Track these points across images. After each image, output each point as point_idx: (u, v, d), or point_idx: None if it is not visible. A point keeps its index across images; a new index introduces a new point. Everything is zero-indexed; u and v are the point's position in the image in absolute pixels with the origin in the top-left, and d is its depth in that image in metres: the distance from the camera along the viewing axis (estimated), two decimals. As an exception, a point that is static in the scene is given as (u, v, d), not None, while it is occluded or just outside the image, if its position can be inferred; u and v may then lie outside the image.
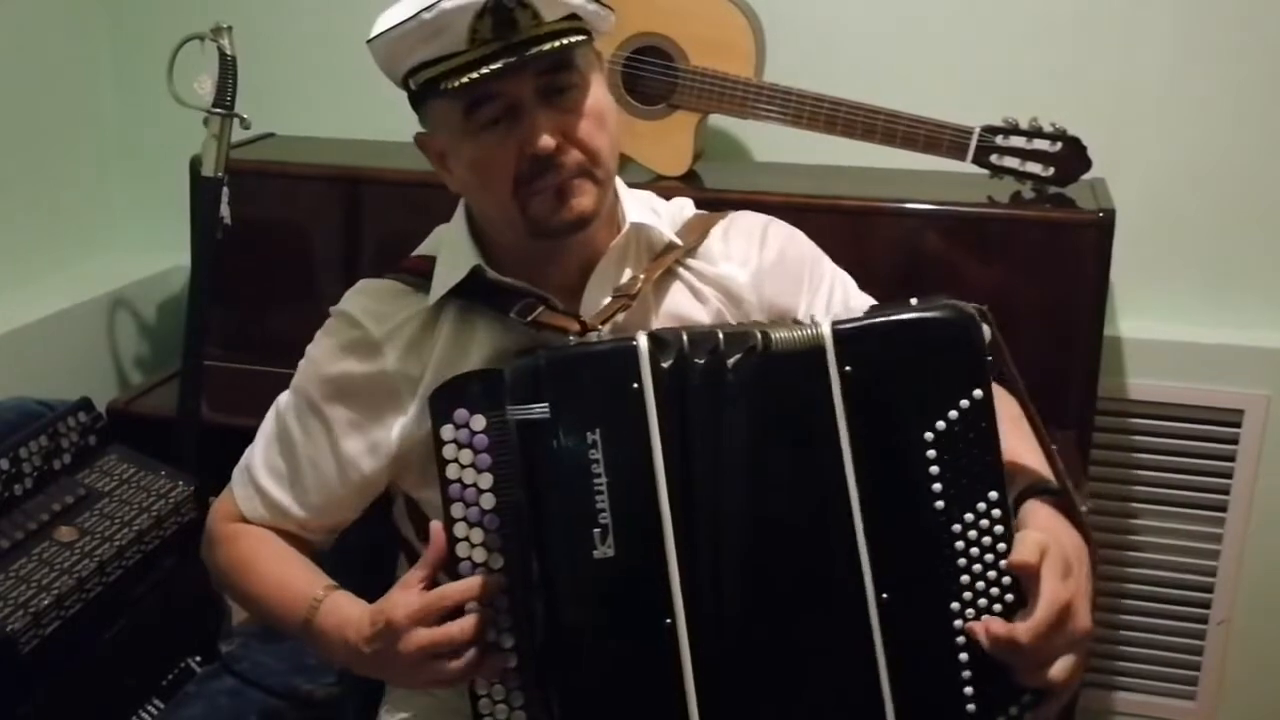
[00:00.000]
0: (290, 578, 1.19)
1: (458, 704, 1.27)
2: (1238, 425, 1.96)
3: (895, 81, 1.96)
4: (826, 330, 1.01)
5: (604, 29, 1.14)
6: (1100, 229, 1.75)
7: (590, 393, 1.01)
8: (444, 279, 1.17)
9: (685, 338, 1.02)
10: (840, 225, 1.83)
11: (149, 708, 1.61)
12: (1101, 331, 1.80)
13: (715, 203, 1.35)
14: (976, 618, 1.00)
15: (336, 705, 1.57)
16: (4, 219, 2.16)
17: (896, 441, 1.01)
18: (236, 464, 1.29)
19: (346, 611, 1.12)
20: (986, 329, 1.03)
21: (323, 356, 1.21)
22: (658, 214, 1.24)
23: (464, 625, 1.01)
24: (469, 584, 1.03)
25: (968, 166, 1.82)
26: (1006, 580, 1.00)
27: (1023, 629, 0.97)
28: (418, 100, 1.13)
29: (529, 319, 1.12)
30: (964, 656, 1.01)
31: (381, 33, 1.08)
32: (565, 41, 1.06)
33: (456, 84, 1.05)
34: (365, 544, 1.30)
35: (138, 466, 1.68)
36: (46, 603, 1.42)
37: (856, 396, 1.00)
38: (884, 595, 1.00)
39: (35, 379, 1.94)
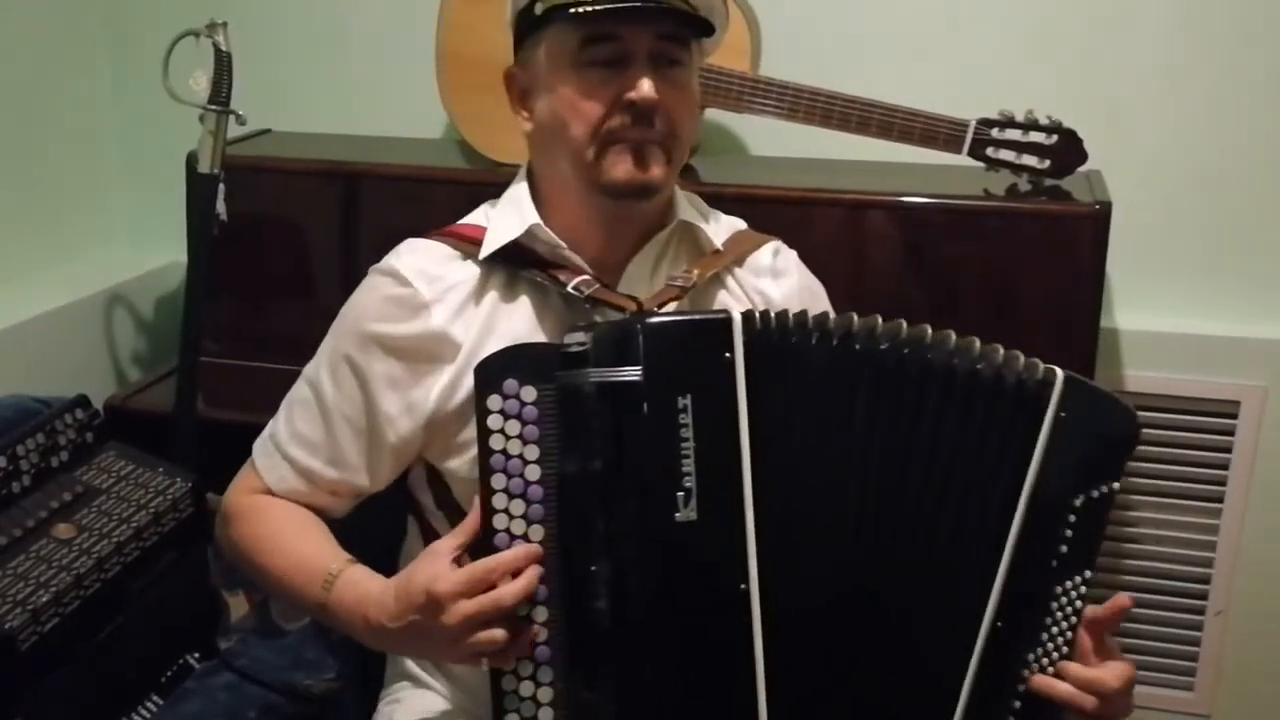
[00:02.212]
0: (308, 553, 1.17)
1: (458, 699, 1.27)
2: (1234, 417, 1.97)
3: (891, 75, 1.96)
4: (1060, 374, 1.07)
5: (715, 39, 1.19)
6: (1096, 221, 1.75)
7: (685, 360, 1.04)
8: (497, 235, 1.18)
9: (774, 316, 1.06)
10: (837, 218, 1.83)
11: (148, 704, 1.61)
12: (1098, 323, 1.80)
13: (713, 197, 1.36)
14: (1039, 672, 1.07)
15: (335, 700, 1.57)
16: (0, 216, 2.16)
17: (1060, 494, 1.06)
18: (234, 459, 1.29)
19: (365, 587, 1.11)
20: None
21: (364, 312, 1.19)
22: (705, 218, 1.27)
23: (513, 590, 1.00)
24: (515, 554, 1.02)
25: (964, 159, 1.82)
26: (1066, 649, 1.08)
27: (1112, 676, 1.07)
28: (534, 26, 1.14)
29: (585, 294, 1.14)
30: (1017, 704, 1.07)
31: None
32: (697, 11, 1.11)
33: (590, 9, 1.07)
34: (368, 522, 1.29)
35: (135, 463, 1.67)
36: (45, 600, 1.42)
37: (1057, 441, 1.05)
38: (999, 624, 1.06)
39: (32, 376, 1.94)
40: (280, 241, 2.10)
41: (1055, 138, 1.79)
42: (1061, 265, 1.78)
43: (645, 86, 1.09)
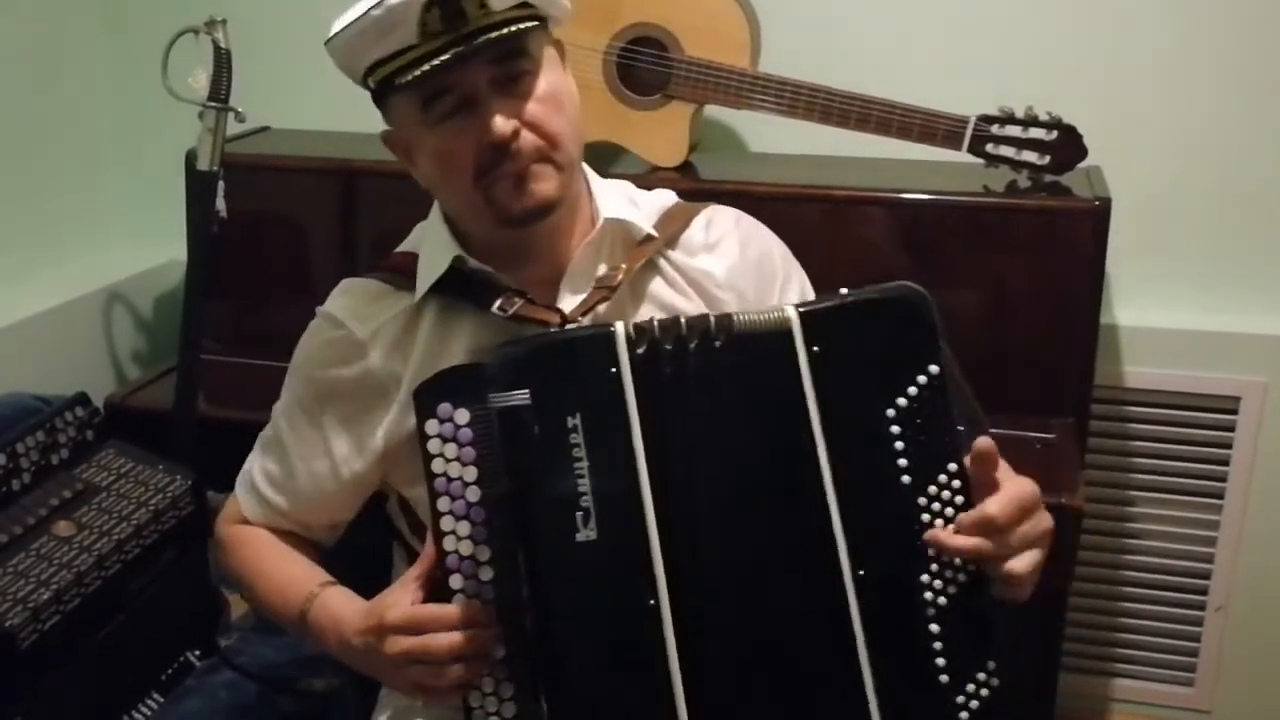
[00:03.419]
0: (289, 576, 1.22)
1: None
2: (1234, 412, 1.97)
3: (891, 71, 1.95)
4: (792, 312, 1.04)
5: (557, 14, 1.14)
6: (1096, 217, 1.75)
7: (570, 378, 1.02)
8: (427, 274, 1.17)
9: (657, 325, 1.04)
10: (836, 215, 1.83)
11: (148, 702, 1.61)
12: (1098, 319, 1.80)
13: (711, 194, 1.35)
14: (944, 589, 1.03)
15: (336, 698, 1.57)
16: (0, 214, 2.16)
17: (863, 418, 1.03)
18: (233, 456, 1.31)
19: (341, 608, 1.14)
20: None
21: (308, 360, 1.22)
22: (636, 204, 1.24)
23: (441, 643, 1.02)
24: (457, 611, 1.02)
25: (964, 156, 1.82)
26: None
27: (991, 502, 1.00)
28: (379, 98, 1.14)
29: (509, 313, 1.13)
30: (935, 628, 1.03)
31: (337, 33, 1.09)
32: (514, 29, 1.07)
33: (409, 78, 1.06)
34: (361, 543, 1.30)
35: (135, 461, 1.67)
36: (45, 598, 1.42)
37: (824, 376, 1.03)
38: (860, 571, 1.02)
39: (32, 374, 1.94)
40: (280, 239, 2.09)
41: (1055, 134, 1.78)
42: (1061, 261, 1.78)
43: (496, 126, 1.06)
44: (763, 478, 1.04)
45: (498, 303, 1.13)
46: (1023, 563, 1.01)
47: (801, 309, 1.04)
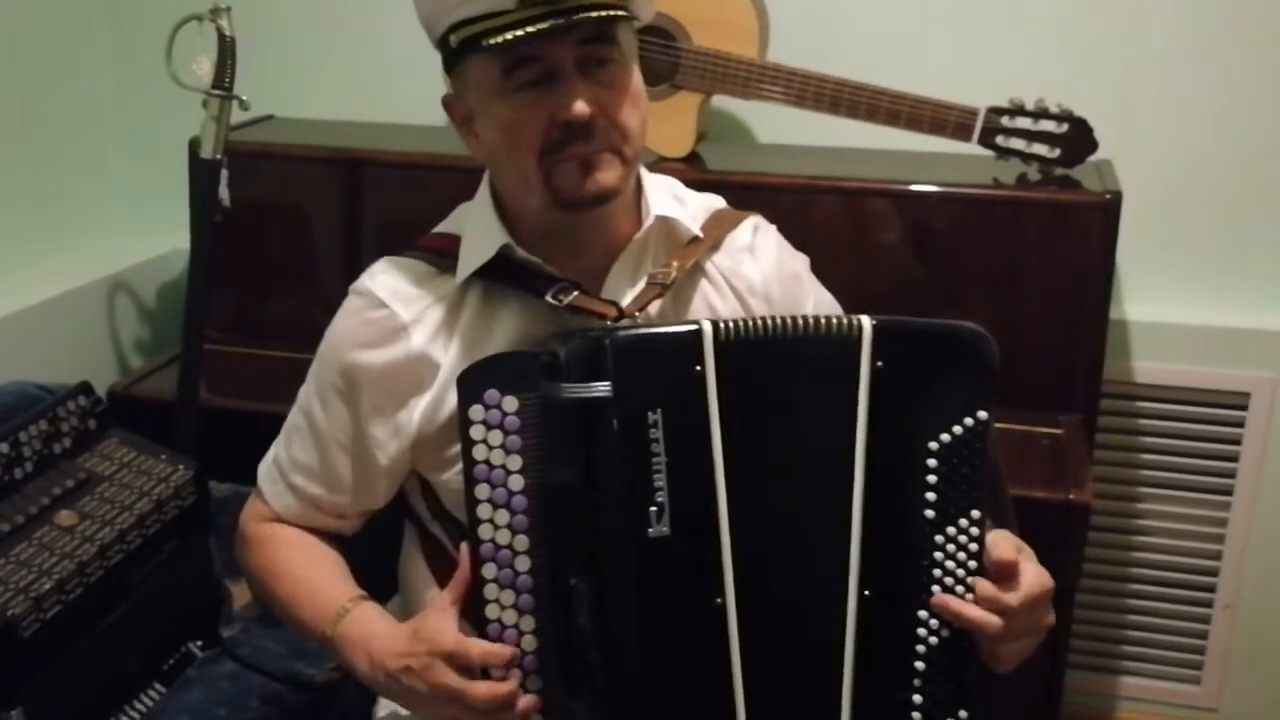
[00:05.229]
0: (319, 585, 1.19)
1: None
2: (1244, 408, 1.96)
3: (900, 62, 1.94)
4: (867, 322, 1.03)
5: (645, 16, 1.14)
6: (1107, 211, 1.74)
7: (655, 374, 1.02)
8: (471, 258, 1.16)
9: (736, 324, 1.04)
10: (845, 207, 1.82)
11: (150, 692, 1.61)
12: (1107, 314, 1.79)
13: (719, 185, 1.34)
14: (940, 628, 1.04)
15: (337, 690, 1.57)
16: (3, 203, 2.15)
17: (906, 445, 1.03)
18: (236, 446, 1.30)
19: (373, 625, 1.12)
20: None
21: (344, 338, 1.19)
22: (682, 202, 1.24)
23: (480, 692, 1.01)
24: (498, 651, 1.02)
25: (973, 148, 1.81)
26: (970, 598, 1.04)
27: (1012, 595, 1.03)
28: (455, 57, 1.12)
29: (565, 304, 1.12)
30: (920, 665, 1.05)
31: None
32: (613, 13, 1.07)
33: (500, 40, 1.04)
34: (369, 534, 1.29)
35: (138, 450, 1.66)
36: (47, 587, 1.41)
37: (881, 394, 1.03)
38: (865, 592, 1.03)
39: (35, 363, 1.93)
40: (283, 228, 2.09)
41: (1066, 126, 1.77)
42: (1071, 255, 1.77)
43: (578, 106, 1.06)
44: (809, 483, 1.04)
45: (551, 292, 1.12)
46: (1015, 648, 1.06)
47: (875, 321, 1.03)
